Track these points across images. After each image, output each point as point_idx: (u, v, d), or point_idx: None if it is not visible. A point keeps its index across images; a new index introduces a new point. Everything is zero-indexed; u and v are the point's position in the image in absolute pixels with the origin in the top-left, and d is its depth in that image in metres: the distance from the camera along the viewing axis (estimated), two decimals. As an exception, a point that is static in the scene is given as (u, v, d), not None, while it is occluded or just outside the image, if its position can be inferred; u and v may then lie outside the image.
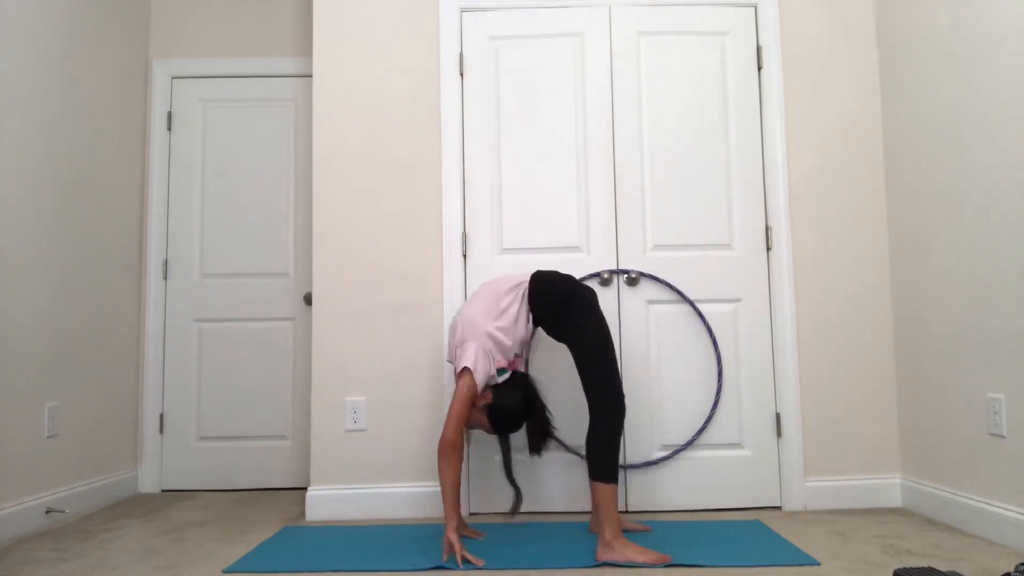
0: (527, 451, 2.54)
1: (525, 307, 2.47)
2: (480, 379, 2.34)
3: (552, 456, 2.88)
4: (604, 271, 2.98)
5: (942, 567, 2.11)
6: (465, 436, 2.41)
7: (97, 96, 3.22)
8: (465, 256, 3.02)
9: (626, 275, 2.98)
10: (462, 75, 3.08)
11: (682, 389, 2.95)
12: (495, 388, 2.44)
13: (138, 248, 3.55)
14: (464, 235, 3.02)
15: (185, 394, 3.53)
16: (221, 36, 3.68)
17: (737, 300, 2.99)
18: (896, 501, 2.90)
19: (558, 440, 2.62)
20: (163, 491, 3.49)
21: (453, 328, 2.50)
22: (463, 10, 3.10)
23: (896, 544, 2.37)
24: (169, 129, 3.64)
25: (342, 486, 2.93)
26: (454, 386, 2.48)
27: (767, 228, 3.01)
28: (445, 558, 2.24)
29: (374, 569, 2.21)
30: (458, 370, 2.37)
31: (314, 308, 3.01)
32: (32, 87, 2.80)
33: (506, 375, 2.45)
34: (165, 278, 3.58)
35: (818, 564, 2.17)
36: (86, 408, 3.09)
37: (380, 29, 3.10)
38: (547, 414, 2.49)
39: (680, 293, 2.97)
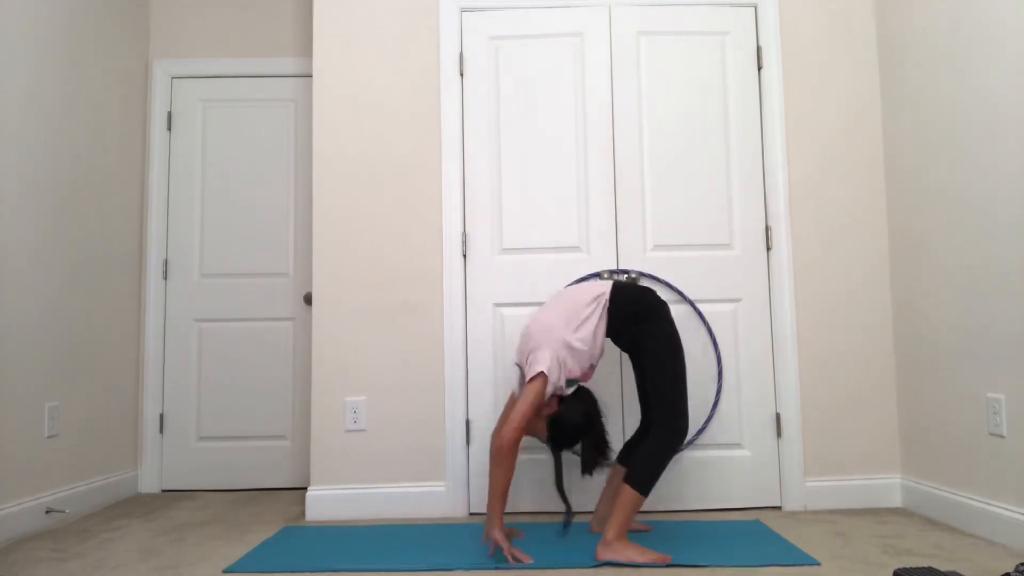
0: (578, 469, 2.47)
1: (604, 319, 2.40)
2: (551, 386, 2.29)
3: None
4: (604, 271, 2.98)
5: (942, 567, 2.11)
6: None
7: (97, 96, 3.22)
8: (465, 256, 3.02)
9: (626, 275, 2.98)
10: (462, 75, 3.08)
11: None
12: (561, 399, 2.38)
13: (138, 248, 3.55)
14: (464, 235, 3.02)
15: (185, 394, 3.53)
16: (221, 36, 3.68)
17: (737, 300, 2.99)
18: (896, 501, 2.90)
19: (610, 462, 2.56)
20: (163, 491, 3.49)
21: (526, 332, 2.43)
22: (463, 10, 3.10)
23: (896, 544, 2.37)
24: (169, 129, 3.65)
25: (342, 486, 2.93)
26: (516, 390, 2.44)
27: (767, 228, 3.01)
28: (492, 551, 2.26)
29: (374, 569, 2.21)
30: (530, 375, 2.30)
31: (314, 308, 3.01)
32: (32, 87, 2.80)
33: (574, 387, 2.40)
34: (165, 278, 3.58)
35: (818, 564, 2.17)
36: (86, 408, 3.09)
37: (380, 29, 3.10)
38: (605, 435, 2.41)
39: (680, 293, 2.97)
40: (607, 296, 2.42)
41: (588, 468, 2.38)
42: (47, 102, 2.88)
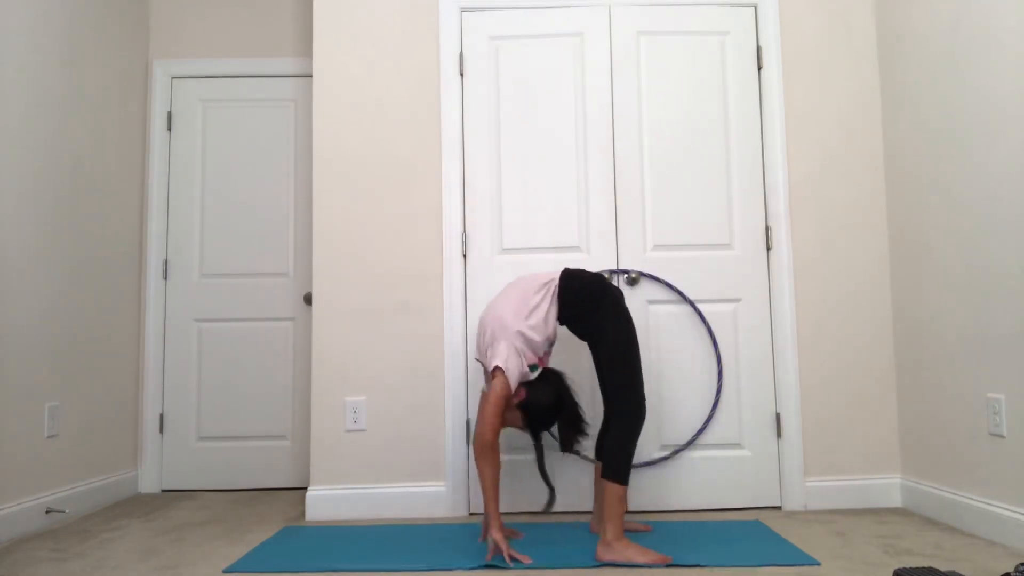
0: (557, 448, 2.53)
1: (555, 305, 2.44)
2: (513, 377, 2.32)
3: (553, 456, 2.87)
4: (604, 271, 2.98)
5: (942, 567, 2.11)
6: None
7: (97, 96, 3.22)
8: (465, 256, 3.02)
9: (626, 275, 2.98)
10: (462, 75, 3.08)
11: (682, 389, 2.95)
12: (528, 385, 2.41)
13: (138, 248, 3.55)
14: (464, 235, 3.02)
15: (185, 394, 3.53)
16: (221, 36, 3.68)
17: (737, 300, 2.99)
18: (896, 501, 2.90)
19: (587, 436, 2.57)
20: (163, 491, 3.49)
21: (481, 327, 2.46)
22: (463, 10, 3.10)
23: (896, 544, 2.37)
24: (169, 129, 3.65)
25: (342, 486, 2.93)
26: (485, 385, 2.46)
27: (767, 228, 3.01)
28: (490, 557, 2.24)
29: (374, 569, 2.21)
30: (490, 369, 2.35)
31: (314, 308, 3.01)
32: (32, 87, 2.80)
33: (537, 371, 2.43)
34: (165, 278, 3.58)
35: (818, 564, 2.17)
36: (86, 408, 3.09)
37: (380, 29, 3.10)
38: (579, 410, 2.46)
39: (680, 293, 2.97)
40: (556, 282, 2.45)
41: (567, 445, 2.45)
42: (47, 102, 2.88)
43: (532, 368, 2.41)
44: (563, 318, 2.47)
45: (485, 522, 2.29)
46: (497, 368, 2.31)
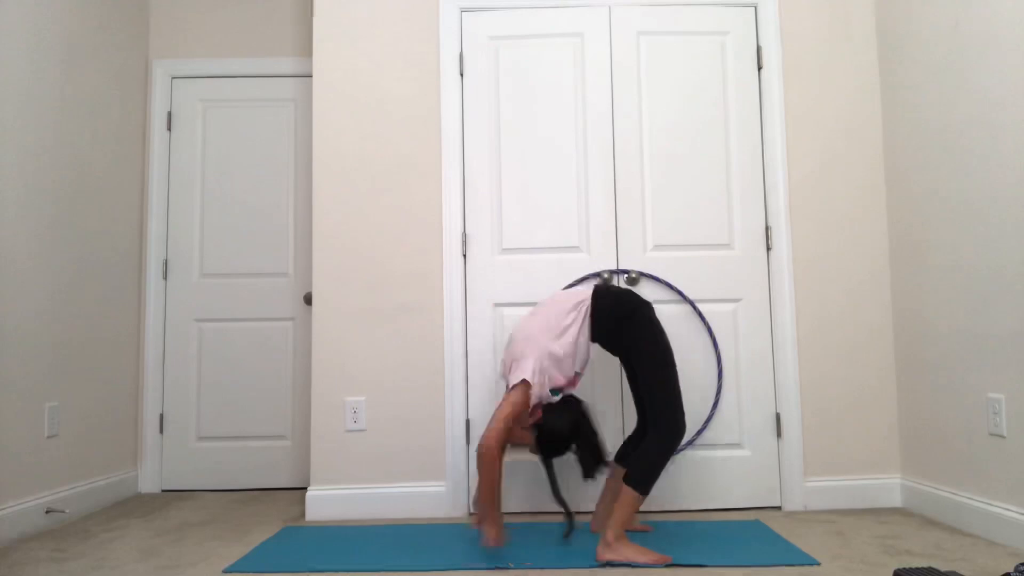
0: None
1: (587, 326, 2.40)
2: (534, 395, 2.29)
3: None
4: (604, 271, 2.98)
5: (942, 567, 2.11)
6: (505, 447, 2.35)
7: (97, 96, 3.22)
8: (465, 256, 3.02)
9: (626, 275, 2.98)
10: (462, 75, 3.08)
11: (682, 389, 2.94)
12: (546, 407, 2.37)
13: (138, 248, 3.55)
14: (464, 235, 3.02)
15: (185, 394, 3.53)
16: (221, 36, 3.68)
17: (737, 300, 2.99)
18: (896, 501, 2.90)
19: (608, 465, 2.54)
20: (163, 491, 3.49)
21: (510, 343, 2.43)
22: (463, 10, 3.10)
23: (896, 544, 2.37)
24: (169, 129, 3.64)
25: (342, 486, 2.93)
26: (502, 398, 2.40)
27: (767, 228, 3.01)
28: (488, 541, 2.23)
29: (374, 569, 2.21)
30: (512, 383, 2.31)
31: (314, 308, 3.01)
32: (32, 87, 2.80)
33: (558, 396, 2.39)
34: (165, 278, 3.58)
35: (818, 564, 2.17)
36: (86, 408, 3.09)
37: (380, 29, 3.10)
38: (598, 439, 2.39)
39: (680, 293, 2.97)
40: (588, 302, 2.41)
41: (588, 473, 2.38)
42: (47, 102, 2.88)
43: (554, 392, 2.38)
44: (596, 335, 2.43)
45: (480, 513, 2.26)
46: (522, 382, 2.28)
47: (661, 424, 2.30)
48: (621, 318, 2.38)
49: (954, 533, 2.49)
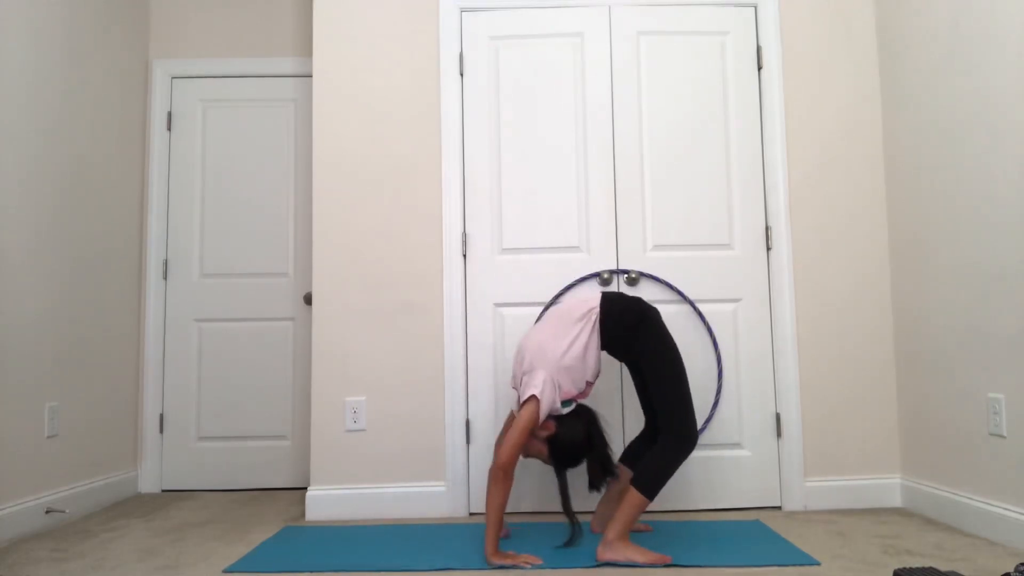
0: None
1: (596, 334, 2.39)
2: (544, 409, 2.28)
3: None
4: (604, 271, 2.98)
5: (942, 567, 2.11)
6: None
7: (97, 96, 3.22)
8: (465, 256, 3.02)
9: (626, 275, 2.98)
10: (462, 75, 3.08)
11: (682, 389, 2.95)
12: (558, 419, 2.36)
13: (138, 248, 3.55)
14: (464, 235, 3.02)
15: (185, 394, 3.53)
16: (221, 36, 3.68)
17: (737, 300, 2.99)
18: (896, 501, 2.90)
19: (616, 477, 2.51)
20: (163, 491, 3.49)
21: (519, 354, 2.42)
22: (463, 10, 3.10)
23: (896, 544, 2.37)
24: (169, 129, 3.64)
25: (342, 486, 2.93)
26: (515, 408, 2.40)
27: (767, 228, 3.01)
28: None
29: (374, 569, 2.21)
30: (523, 398, 2.30)
31: (314, 308, 3.01)
32: (32, 87, 2.80)
33: (570, 407, 2.38)
34: (165, 278, 3.58)
35: (818, 564, 2.17)
36: (86, 408, 3.09)
37: (380, 29, 3.10)
38: (608, 451, 2.38)
39: (680, 293, 2.97)
40: (597, 311, 2.40)
41: (595, 485, 2.37)
42: (47, 102, 2.88)
43: (565, 403, 2.37)
44: (605, 344, 2.42)
45: (486, 547, 2.25)
46: (531, 397, 2.27)
47: (673, 432, 2.29)
48: (631, 326, 2.38)
49: (954, 533, 2.50)
